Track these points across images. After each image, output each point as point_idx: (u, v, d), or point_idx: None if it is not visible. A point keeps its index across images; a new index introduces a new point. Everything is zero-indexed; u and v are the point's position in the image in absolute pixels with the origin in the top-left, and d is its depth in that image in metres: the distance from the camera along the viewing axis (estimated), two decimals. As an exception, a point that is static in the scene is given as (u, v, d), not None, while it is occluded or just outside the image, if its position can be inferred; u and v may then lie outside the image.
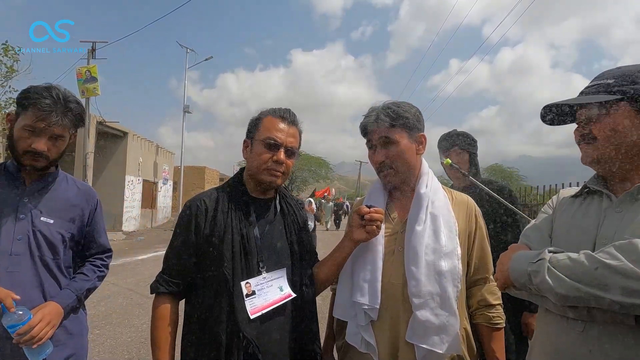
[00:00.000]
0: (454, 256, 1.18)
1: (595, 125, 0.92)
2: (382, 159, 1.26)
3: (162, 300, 1.22)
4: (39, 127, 1.25)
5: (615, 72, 0.93)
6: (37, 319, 1.19)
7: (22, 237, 1.28)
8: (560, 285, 0.80)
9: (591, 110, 0.92)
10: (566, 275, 0.80)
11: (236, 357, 1.12)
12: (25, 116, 1.26)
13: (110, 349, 3.77)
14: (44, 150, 1.27)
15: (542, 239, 1.00)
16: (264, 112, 1.30)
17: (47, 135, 1.28)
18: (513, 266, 0.91)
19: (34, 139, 1.26)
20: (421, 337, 1.12)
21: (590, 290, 0.77)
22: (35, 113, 1.24)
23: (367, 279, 1.21)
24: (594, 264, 0.77)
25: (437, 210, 1.22)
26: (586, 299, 0.78)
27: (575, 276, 0.79)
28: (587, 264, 0.78)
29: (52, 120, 1.25)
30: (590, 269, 0.77)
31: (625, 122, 0.88)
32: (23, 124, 1.26)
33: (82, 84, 12.69)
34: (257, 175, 1.27)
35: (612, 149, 0.90)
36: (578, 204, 1.00)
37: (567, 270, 0.80)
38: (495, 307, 1.26)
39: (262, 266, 1.21)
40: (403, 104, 1.28)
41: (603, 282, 0.75)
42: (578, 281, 0.78)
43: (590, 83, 0.97)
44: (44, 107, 1.23)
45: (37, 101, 1.24)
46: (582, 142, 0.96)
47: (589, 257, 0.79)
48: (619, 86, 0.89)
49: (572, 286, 0.78)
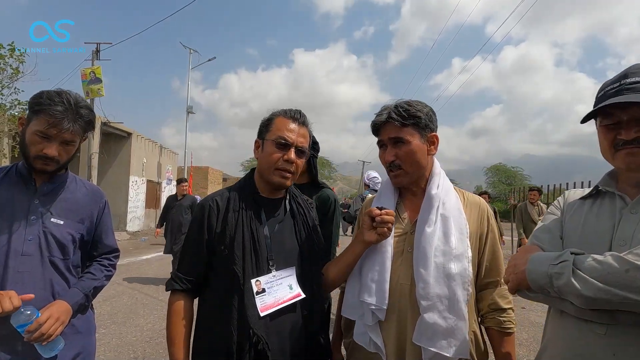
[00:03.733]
0: (464, 259, 1.16)
1: None
2: (392, 159, 1.24)
3: (176, 297, 1.26)
4: (50, 133, 1.27)
5: None
6: (46, 316, 1.21)
7: (33, 238, 1.29)
8: (588, 288, 0.77)
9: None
10: (594, 277, 0.77)
11: (247, 353, 1.13)
12: (37, 121, 1.27)
13: (116, 348, 3.78)
14: (55, 155, 1.29)
15: (553, 240, 0.97)
16: (275, 113, 1.32)
17: (59, 141, 1.29)
18: (531, 268, 0.87)
19: (45, 144, 1.28)
20: (428, 339, 1.11)
21: (621, 293, 0.74)
22: (47, 119, 1.26)
23: (375, 279, 1.20)
24: (624, 266, 0.74)
25: (448, 212, 1.20)
26: (616, 301, 0.75)
27: (604, 278, 0.75)
28: (616, 266, 0.75)
29: (63, 127, 1.27)
30: (620, 271, 0.74)
31: None
32: (35, 129, 1.27)
33: (86, 85, 12.75)
34: (267, 175, 1.28)
35: None
36: (589, 205, 0.97)
37: (595, 273, 0.77)
38: (506, 312, 1.24)
39: (272, 264, 1.23)
40: (415, 102, 1.26)
41: (636, 284, 0.72)
42: (607, 284, 0.75)
43: (633, 79, 0.88)
44: (56, 113, 1.25)
45: (49, 107, 1.25)
46: (632, 146, 0.87)
47: (617, 259, 0.76)
48: None
49: (602, 289, 0.75)
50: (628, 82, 0.89)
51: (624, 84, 0.89)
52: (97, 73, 12.85)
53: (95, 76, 12.82)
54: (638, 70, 0.90)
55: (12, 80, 10.12)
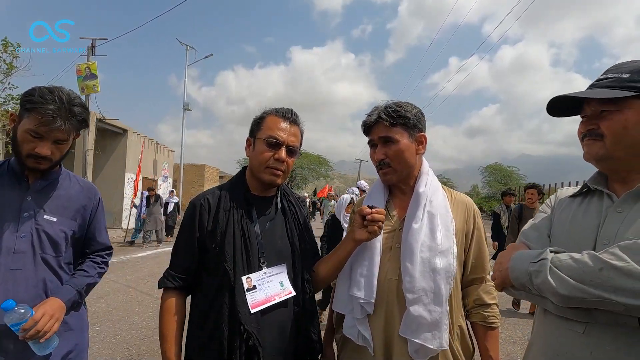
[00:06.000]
0: (449, 254, 1.20)
1: (603, 122, 0.87)
2: (382, 157, 1.28)
3: (169, 295, 1.27)
4: (42, 132, 1.24)
5: (630, 66, 0.88)
6: (40, 313, 1.19)
7: (26, 235, 1.28)
8: (563, 286, 0.77)
9: (601, 105, 0.87)
10: (569, 276, 0.77)
11: (238, 349, 1.15)
12: (29, 120, 1.24)
13: (110, 345, 3.78)
14: (47, 154, 1.27)
15: (541, 238, 0.98)
16: (266, 112, 1.33)
17: (51, 140, 1.27)
18: (513, 266, 0.88)
19: (37, 143, 1.25)
20: (413, 332, 1.15)
21: (595, 292, 0.74)
22: (39, 118, 1.22)
23: (364, 274, 1.23)
24: (598, 265, 0.75)
25: (435, 209, 1.24)
26: (590, 300, 0.75)
27: (579, 277, 0.76)
28: (591, 265, 0.75)
29: (55, 126, 1.23)
30: (594, 270, 0.75)
31: (636, 119, 0.83)
32: (26, 127, 1.24)
33: (81, 81, 12.65)
34: (258, 174, 1.30)
35: (619, 148, 0.86)
36: (577, 203, 0.98)
37: (571, 271, 0.77)
38: (490, 307, 1.28)
39: (263, 262, 1.25)
40: (404, 104, 1.30)
41: (608, 284, 0.73)
42: (582, 282, 0.75)
43: (602, 75, 0.92)
44: (48, 112, 1.21)
45: (41, 106, 1.21)
46: (588, 138, 0.91)
47: (593, 258, 0.76)
48: (634, 82, 0.84)
49: (576, 287, 0.76)
50: (598, 78, 0.92)
51: (596, 79, 0.93)
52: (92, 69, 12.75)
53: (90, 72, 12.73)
54: (614, 68, 0.92)
55: (6, 75, 10.03)
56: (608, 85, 0.88)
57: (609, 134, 0.87)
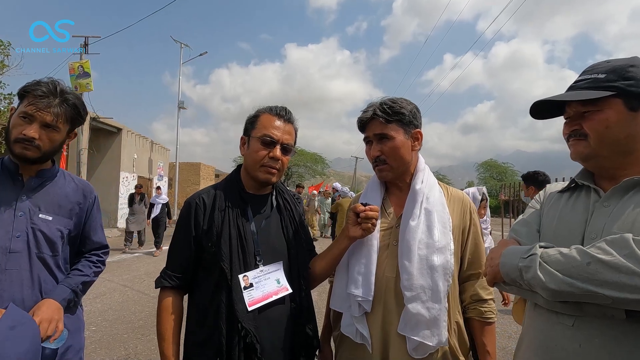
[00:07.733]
0: (446, 251, 1.20)
1: (586, 122, 0.90)
2: (378, 154, 1.28)
3: (166, 294, 1.27)
4: (31, 112, 1.25)
5: (605, 67, 0.91)
6: (37, 322, 1.18)
7: (21, 234, 1.27)
8: (552, 280, 0.79)
9: (582, 106, 0.90)
10: (558, 270, 0.79)
11: (236, 346, 1.16)
12: (22, 105, 1.27)
13: (107, 345, 3.77)
14: (34, 137, 1.25)
15: (530, 233, 0.99)
16: (260, 110, 1.32)
17: (39, 123, 1.26)
18: (503, 261, 0.90)
19: (25, 126, 1.26)
20: (412, 329, 1.15)
21: (583, 285, 0.76)
22: (30, 100, 1.25)
23: (361, 271, 1.24)
24: (586, 259, 0.76)
25: (432, 206, 1.24)
26: (578, 294, 0.77)
27: (567, 271, 0.78)
28: (579, 259, 0.77)
29: (43, 105, 1.25)
30: (582, 264, 0.76)
31: (616, 118, 0.87)
32: (18, 112, 1.27)
33: (74, 79, 12.51)
34: (253, 172, 1.30)
35: (603, 146, 0.89)
36: (566, 198, 0.99)
37: (559, 266, 0.79)
38: (487, 302, 1.28)
39: (259, 260, 1.25)
40: (400, 100, 1.29)
41: (596, 277, 0.74)
42: (570, 276, 0.77)
43: (579, 77, 0.95)
44: (38, 93, 1.25)
45: (33, 90, 1.25)
46: (572, 138, 0.94)
47: (580, 252, 0.78)
48: (610, 81, 0.87)
49: (564, 281, 0.77)
50: (576, 80, 0.95)
51: (574, 81, 0.95)
52: (85, 67, 12.61)
53: (83, 70, 12.59)
54: (590, 69, 0.94)
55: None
56: (586, 87, 0.91)
57: (592, 134, 0.90)
